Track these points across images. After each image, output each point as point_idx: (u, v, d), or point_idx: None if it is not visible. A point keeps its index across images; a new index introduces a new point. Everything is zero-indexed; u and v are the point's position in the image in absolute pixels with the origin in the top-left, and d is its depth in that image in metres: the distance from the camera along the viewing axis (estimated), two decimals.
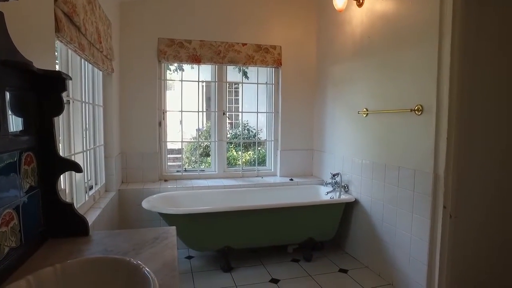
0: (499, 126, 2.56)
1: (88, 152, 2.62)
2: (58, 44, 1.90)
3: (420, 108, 2.46)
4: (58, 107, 1.36)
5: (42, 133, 1.32)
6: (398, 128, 2.69)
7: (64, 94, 1.40)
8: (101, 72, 2.90)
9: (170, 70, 6.51)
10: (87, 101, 2.59)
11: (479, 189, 2.53)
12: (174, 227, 1.55)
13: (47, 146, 1.34)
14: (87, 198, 2.49)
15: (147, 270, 1.06)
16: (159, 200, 3.14)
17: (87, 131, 2.67)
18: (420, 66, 2.48)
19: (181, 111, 3.82)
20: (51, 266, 1.10)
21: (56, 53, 1.90)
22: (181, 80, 3.90)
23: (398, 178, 2.69)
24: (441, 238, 2.36)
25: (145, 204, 2.95)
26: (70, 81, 2.15)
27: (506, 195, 2.67)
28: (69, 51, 2.11)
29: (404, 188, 2.63)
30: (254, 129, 5.78)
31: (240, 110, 7.06)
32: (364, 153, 3.12)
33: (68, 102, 2.15)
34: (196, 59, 3.66)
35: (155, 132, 3.62)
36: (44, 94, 1.32)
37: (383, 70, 2.87)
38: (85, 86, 2.55)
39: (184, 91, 3.78)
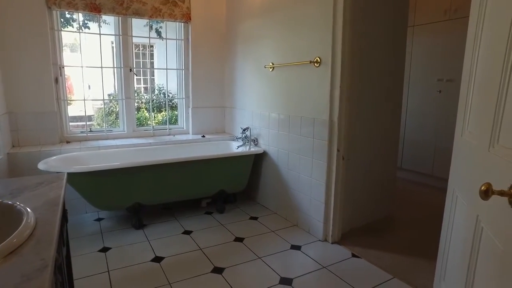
0: (384, 78, 2.90)
1: None
2: None
3: (318, 60, 2.64)
4: None
5: None
6: (300, 80, 2.86)
7: None
8: None
9: (73, 27, 5.82)
10: None
11: (367, 133, 2.87)
12: (65, 173, 1.46)
13: None
14: None
15: (22, 206, 1.00)
16: (59, 161, 2.90)
17: None
18: (318, 20, 2.62)
19: (82, 67, 3.49)
20: None
21: None
22: (79, 32, 3.54)
23: (300, 127, 2.89)
24: (335, 178, 2.64)
25: (41, 165, 2.70)
26: None
27: (389, 138, 3.08)
28: None
29: (305, 136, 2.84)
30: (170, 93, 5.60)
31: (153, 71, 6.73)
32: (271, 107, 3.26)
33: None
34: (95, 8, 3.33)
35: (51, 89, 3.27)
36: None
37: (287, 25, 2.96)
38: None
39: (92, 53, 3.43)
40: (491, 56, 1.21)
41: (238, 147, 3.58)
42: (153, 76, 6.99)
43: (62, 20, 3.56)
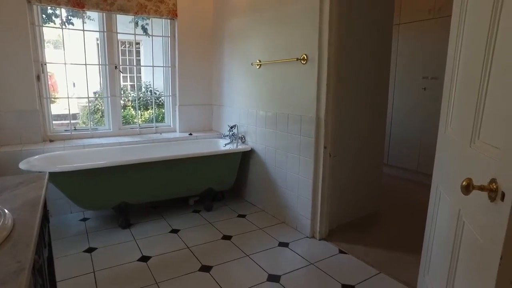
0: (370, 75, 2.92)
1: None
2: None
3: (305, 57, 2.64)
4: None
5: None
6: (287, 77, 2.86)
7: None
8: None
9: (55, 23, 5.70)
10: None
11: (353, 131, 2.89)
12: (47, 172, 1.43)
13: None
14: None
15: None
16: (42, 161, 2.83)
17: None
18: (305, 18, 2.62)
19: (65, 64, 3.41)
20: None
21: None
22: (61, 28, 3.46)
23: (288, 124, 2.90)
24: (322, 175, 2.66)
25: (23, 165, 2.63)
26: None
27: (375, 135, 3.11)
28: None
29: (293, 133, 2.85)
30: (157, 91, 5.54)
31: (139, 68, 6.63)
32: (258, 104, 3.26)
33: None
34: (78, 4, 3.26)
35: (33, 87, 3.19)
36: None
37: (274, 22, 2.95)
38: None
39: (76, 50, 3.35)
40: (472, 54, 1.23)
41: (225, 144, 3.57)
42: (140, 73, 6.89)
43: (44, 16, 3.48)
